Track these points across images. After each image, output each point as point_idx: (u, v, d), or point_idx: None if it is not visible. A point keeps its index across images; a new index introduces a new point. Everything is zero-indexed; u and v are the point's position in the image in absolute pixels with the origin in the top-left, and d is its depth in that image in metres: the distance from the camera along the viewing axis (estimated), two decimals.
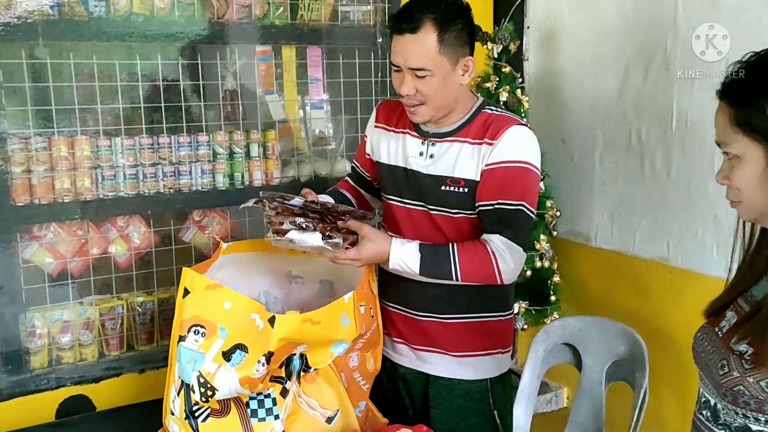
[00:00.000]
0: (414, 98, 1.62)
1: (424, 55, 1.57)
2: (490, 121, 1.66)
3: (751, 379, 1.04)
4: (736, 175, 1.07)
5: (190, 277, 1.54)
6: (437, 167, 1.69)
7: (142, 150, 2.08)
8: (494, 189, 1.63)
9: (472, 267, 1.61)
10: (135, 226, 2.15)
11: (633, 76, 2.24)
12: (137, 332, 2.15)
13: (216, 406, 1.49)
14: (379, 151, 1.83)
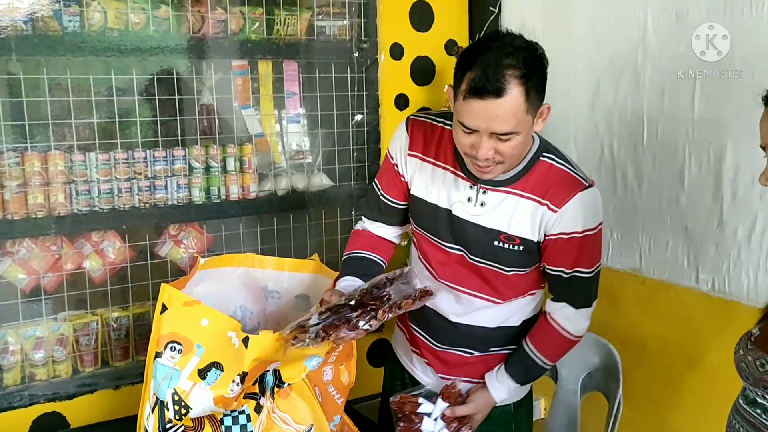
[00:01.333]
0: (492, 160, 1.42)
1: (512, 118, 1.36)
2: (551, 178, 1.51)
3: (750, 357, 1.14)
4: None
5: (168, 293, 1.53)
6: (489, 219, 1.54)
7: (117, 164, 2.07)
8: (559, 259, 1.56)
9: (555, 352, 1.69)
10: (110, 241, 2.13)
11: (604, 90, 2.28)
12: (112, 348, 2.14)
13: (190, 424, 1.48)
14: (413, 183, 1.64)
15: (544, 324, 1.67)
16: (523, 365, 1.67)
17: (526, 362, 1.67)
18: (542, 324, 1.68)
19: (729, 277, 1.94)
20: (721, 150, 1.93)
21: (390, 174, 1.70)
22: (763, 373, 1.13)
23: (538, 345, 1.67)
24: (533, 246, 1.56)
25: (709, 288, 2.00)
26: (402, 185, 1.69)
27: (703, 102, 1.96)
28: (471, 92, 1.36)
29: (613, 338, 2.02)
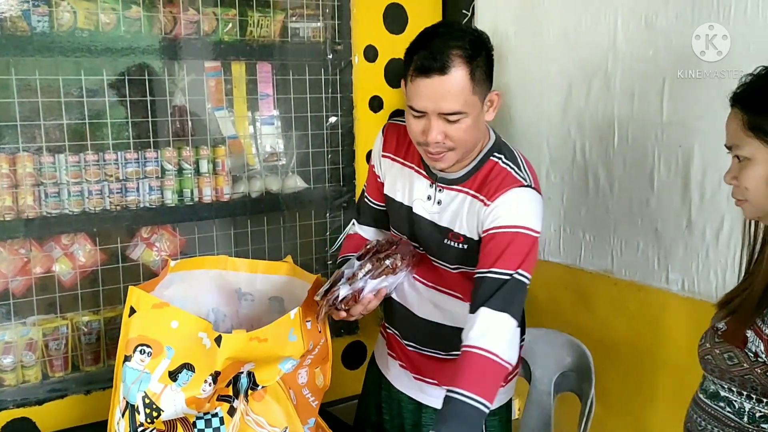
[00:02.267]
0: (442, 145, 1.44)
1: (458, 96, 1.39)
2: (491, 176, 1.52)
3: (717, 350, 1.17)
4: (745, 175, 1.16)
5: (136, 296, 1.52)
6: (443, 217, 1.57)
7: (87, 166, 2.05)
8: (491, 256, 1.47)
9: (489, 386, 1.41)
10: (80, 244, 2.10)
11: (576, 94, 2.30)
12: (83, 352, 2.10)
13: (162, 427, 1.47)
14: (386, 183, 1.70)
15: (463, 358, 1.43)
16: (455, 417, 1.37)
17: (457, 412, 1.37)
18: (460, 360, 1.43)
19: (698, 277, 1.97)
20: (689, 153, 1.96)
21: (371, 177, 1.77)
22: (732, 365, 1.15)
23: (461, 383, 1.39)
24: (475, 245, 1.54)
25: (679, 288, 2.03)
26: (381, 187, 1.73)
27: (671, 106, 1.99)
28: (417, 71, 1.40)
29: (586, 339, 2.05)
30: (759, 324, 1.11)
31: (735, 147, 1.17)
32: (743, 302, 1.17)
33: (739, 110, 1.16)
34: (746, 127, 1.14)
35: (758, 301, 1.12)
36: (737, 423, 1.16)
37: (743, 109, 1.16)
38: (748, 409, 1.14)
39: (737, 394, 1.15)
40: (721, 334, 1.19)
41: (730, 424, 1.17)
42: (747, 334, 1.13)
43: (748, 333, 1.13)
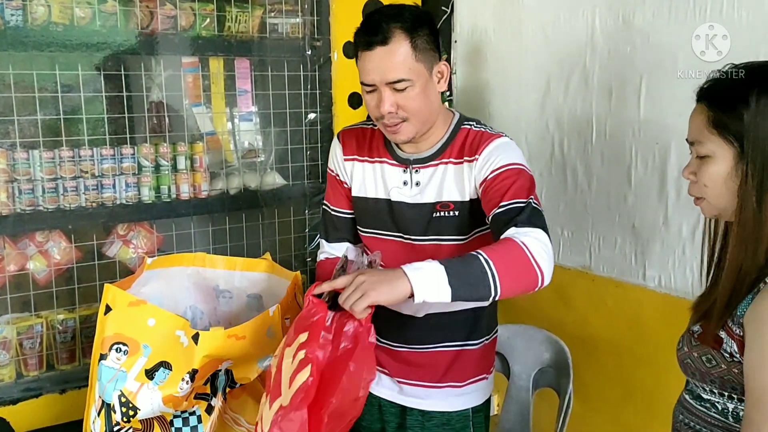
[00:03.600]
0: (396, 116, 1.50)
1: (402, 64, 1.46)
2: (471, 138, 1.58)
3: (695, 353, 1.16)
4: (704, 172, 1.15)
5: (112, 294, 1.50)
6: (425, 195, 1.60)
7: (62, 163, 2.02)
8: (499, 194, 1.47)
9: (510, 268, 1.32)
10: (55, 241, 2.07)
11: (554, 90, 2.31)
12: (58, 351, 2.08)
13: (138, 426, 1.45)
14: (356, 185, 1.70)
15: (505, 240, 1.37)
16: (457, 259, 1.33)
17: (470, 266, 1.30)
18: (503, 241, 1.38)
19: (674, 274, 1.99)
20: (666, 150, 1.97)
21: (334, 187, 1.75)
22: (711, 367, 1.15)
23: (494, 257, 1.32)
24: (468, 207, 1.57)
25: (656, 284, 2.04)
26: (348, 193, 1.73)
27: (649, 103, 2.01)
28: (362, 47, 1.48)
29: (564, 335, 2.06)
30: (729, 324, 1.12)
31: (697, 143, 1.16)
32: (713, 303, 1.17)
33: (705, 106, 1.16)
34: (710, 124, 1.14)
35: (726, 301, 1.12)
36: (724, 423, 1.17)
37: (709, 106, 1.15)
38: (731, 409, 1.15)
39: (719, 395, 1.16)
40: (696, 336, 1.20)
41: (718, 425, 1.17)
42: (721, 335, 1.13)
43: (722, 334, 1.13)
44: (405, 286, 1.28)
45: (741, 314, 1.10)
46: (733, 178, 1.13)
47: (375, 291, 1.28)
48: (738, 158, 1.12)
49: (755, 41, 1.70)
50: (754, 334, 1.07)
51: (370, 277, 1.30)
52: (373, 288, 1.28)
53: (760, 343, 1.05)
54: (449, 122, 1.62)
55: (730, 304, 1.12)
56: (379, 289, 1.28)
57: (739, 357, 1.11)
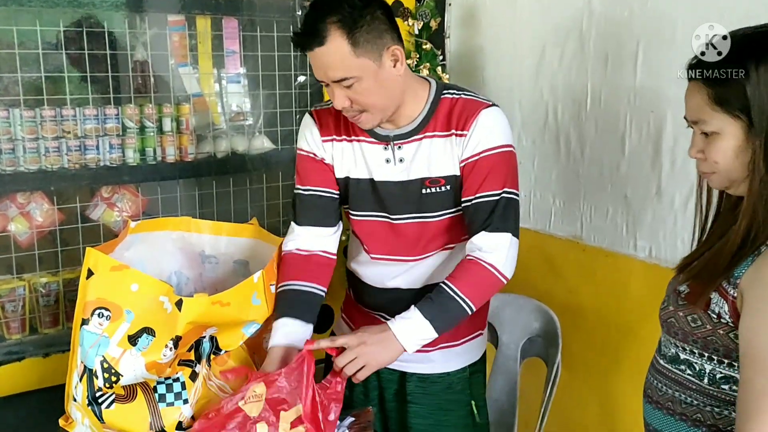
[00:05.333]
0: (351, 109, 1.48)
1: (340, 64, 1.42)
2: (455, 108, 1.54)
3: (681, 313, 1.17)
4: (714, 150, 1.14)
5: (94, 258, 1.47)
6: (411, 171, 1.56)
7: (43, 122, 1.97)
8: (475, 182, 1.52)
9: (479, 291, 1.50)
10: (37, 203, 2.03)
11: (549, 56, 2.27)
12: (41, 314, 2.05)
13: (121, 392, 1.43)
14: (337, 165, 1.65)
15: (467, 264, 1.52)
16: (435, 300, 1.48)
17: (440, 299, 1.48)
18: (465, 264, 1.52)
19: (665, 245, 1.97)
20: (662, 119, 1.94)
21: (309, 166, 1.66)
22: (695, 327, 1.16)
23: (462, 286, 1.49)
24: (457, 182, 1.56)
25: (646, 255, 2.03)
26: (327, 171, 1.65)
27: (645, 70, 1.97)
28: (301, 48, 1.46)
29: (554, 304, 2.05)
30: (725, 285, 1.12)
31: (701, 122, 1.14)
32: (708, 265, 1.17)
33: (702, 84, 1.13)
34: (713, 101, 1.12)
35: (727, 264, 1.12)
36: (697, 385, 1.17)
37: (706, 83, 1.13)
38: (708, 371, 1.15)
39: (698, 356, 1.16)
40: (684, 296, 1.20)
41: (692, 387, 1.18)
42: (711, 296, 1.13)
43: (713, 295, 1.13)
44: (398, 347, 1.45)
45: (738, 276, 1.10)
46: (745, 150, 1.11)
47: (375, 360, 1.44)
48: (747, 130, 1.10)
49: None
50: (754, 298, 1.06)
51: (369, 347, 1.43)
52: (374, 357, 1.44)
53: (762, 306, 1.05)
54: (427, 93, 1.56)
55: (731, 266, 1.11)
56: (379, 357, 1.44)
57: (728, 319, 1.11)
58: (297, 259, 1.63)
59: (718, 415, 1.15)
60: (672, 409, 1.20)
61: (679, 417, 1.19)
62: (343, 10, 1.40)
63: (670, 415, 1.20)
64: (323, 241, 1.66)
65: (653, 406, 1.24)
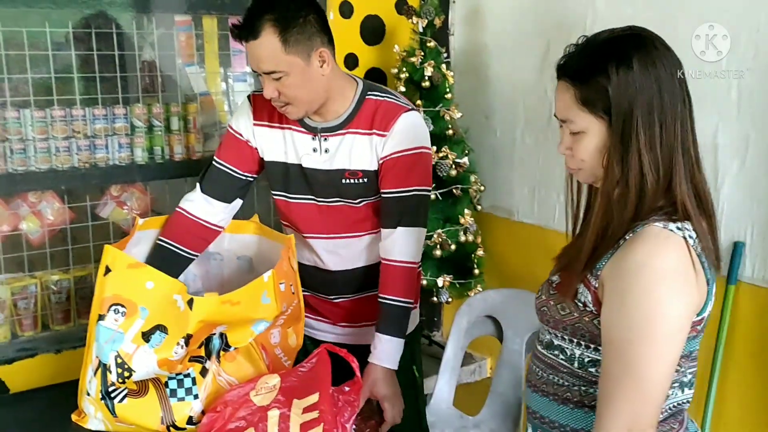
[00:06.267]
0: (279, 100, 1.61)
1: (271, 58, 1.54)
2: (378, 109, 1.66)
3: (552, 302, 1.22)
4: (580, 148, 1.18)
5: (111, 255, 1.50)
6: (334, 162, 1.69)
7: (53, 122, 1.99)
8: (392, 179, 1.67)
9: (411, 289, 1.71)
10: (48, 202, 2.06)
11: (553, 53, 2.28)
12: (52, 311, 2.08)
13: (133, 387, 1.46)
14: (267, 150, 1.75)
15: (384, 270, 1.70)
16: (388, 316, 1.68)
17: (389, 312, 1.68)
18: (383, 272, 1.70)
19: None
20: None
21: (233, 146, 1.76)
22: (564, 315, 1.20)
23: (387, 290, 1.68)
24: (374, 176, 1.69)
25: None
26: (248, 155, 1.75)
27: None
28: (238, 39, 1.57)
29: None
30: (588, 277, 1.16)
31: (569, 122, 1.17)
32: (573, 257, 1.21)
33: (569, 84, 1.16)
34: (578, 101, 1.15)
35: (588, 257, 1.17)
36: (569, 369, 1.21)
37: (573, 83, 1.15)
38: (578, 355, 1.20)
39: (569, 342, 1.21)
40: (555, 286, 1.25)
41: (563, 370, 1.22)
42: (578, 287, 1.18)
43: (579, 285, 1.18)
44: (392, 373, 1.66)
45: (600, 268, 1.14)
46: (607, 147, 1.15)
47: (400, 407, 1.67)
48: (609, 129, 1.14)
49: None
50: (612, 289, 1.11)
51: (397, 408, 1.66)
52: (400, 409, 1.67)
53: (618, 297, 1.10)
54: (353, 92, 1.69)
55: (592, 259, 1.16)
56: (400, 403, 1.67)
57: (592, 308, 1.15)
58: (183, 221, 1.74)
59: (584, 393, 1.20)
60: (545, 390, 1.25)
61: (552, 397, 1.24)
62: (279, 11, 1.53)
63: (544, 396, 1.25)
64: (215, 213, 1.76)
65: (531, 389, 1.29)
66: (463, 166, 2.40)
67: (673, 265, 1.09)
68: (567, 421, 1.22)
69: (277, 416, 1.37)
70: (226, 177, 1.76)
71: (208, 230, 1.76)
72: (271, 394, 1.41)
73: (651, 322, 1.07)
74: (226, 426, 1.39)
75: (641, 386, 1.08)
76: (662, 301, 1.07)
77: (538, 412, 1.27)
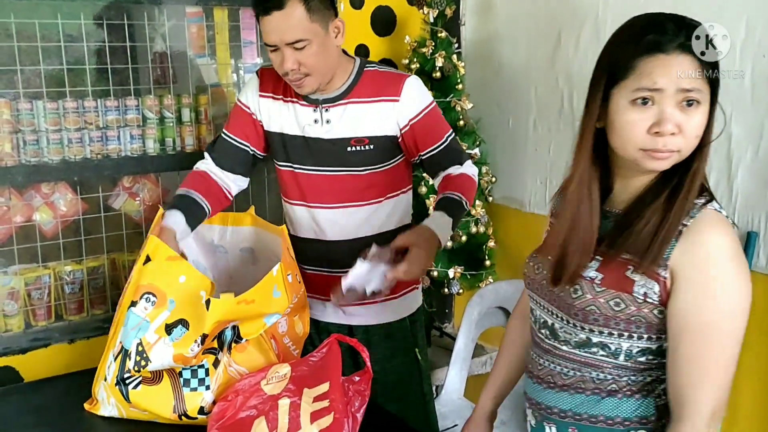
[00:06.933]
0: (298, 72, 1.64)
1: (297, 26, 1.58)
2: (381, 79, 1.75)
3: (602, 299, 1.17)
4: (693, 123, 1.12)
5: (154, 245, 1.52)
6: (337, 131, 1.74)
7: (66, 114, 2.00)
8: (429, 137, 1.77)
9: (472, 194, 1.80)
10: (61, 193, 2.07)
11: (565, 42, 2.27)
12: (66, 302, 2.10)
13: (148, 375, 1.47)
14: (270, 121, 1.82)
15: (449, 179, 1.80)
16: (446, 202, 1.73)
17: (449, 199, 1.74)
18: (447, 180, 1.80)
19: None
20: None
21: (239, 117, 1.84)
22: (618, 311, 1.17)
23: (450, 187, 1.76)
24: (385, 141, 1.76)
25: None
26: (254, 128, 1.83)
27: None
28: (260, 11, 1.60)
29: None
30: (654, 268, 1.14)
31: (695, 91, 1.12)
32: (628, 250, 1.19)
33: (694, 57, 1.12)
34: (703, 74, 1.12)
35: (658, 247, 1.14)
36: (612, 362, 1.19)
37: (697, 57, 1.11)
38: (625, 348, 1.17)
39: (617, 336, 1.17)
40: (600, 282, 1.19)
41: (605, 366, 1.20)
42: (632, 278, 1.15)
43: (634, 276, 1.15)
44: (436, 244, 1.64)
45: (667, 257, 1.12)
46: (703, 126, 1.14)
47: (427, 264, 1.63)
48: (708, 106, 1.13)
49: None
50: (690, 277, 1.10)
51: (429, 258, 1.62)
52: (429, 263, 1.66)
53: (700, 284, 1.10)
54: (352, 66, 1.77)
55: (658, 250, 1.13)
56: (430, 262, 1.65)
57: (656, 298, 1.13)
58: (206, 177, 1.81)
59: (632, 382, 1.19)
60: (581, 387, 1.22)
61: (590, 393, 1.21)
62: None
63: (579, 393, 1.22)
64: (226, 181, 1.83)
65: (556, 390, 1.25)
66: (475, 157, 2.39)
67: (737, 246, 1.12)
68: (615, 412, 1.20)
69: (288, 405, 1.37)
70: (233, 149, 1.83)
71: (223, 194, 1.82)
72: (282, 383, 1.42)
73: (736, 303, 1.10)
74: (237, 414, 1.39)
75: (726, 367, 1.11)
76: (742, 282, 1.10)
77: (571, 410, 1.24)
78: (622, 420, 1.20)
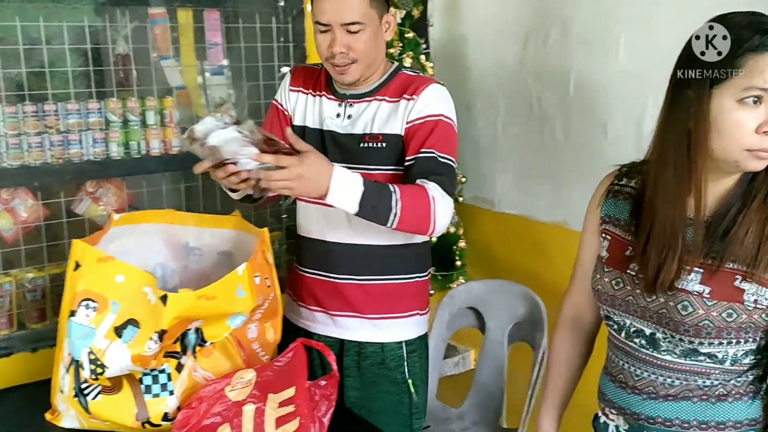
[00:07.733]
0: (346, 56, 1.62)
1: (357, 8, 1.58)
2: (409, 81, 1.71)
3: (714, 313, 1.15)
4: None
5: (81, 250, 1.48)
6: (355, 126, 1.72)
7: (25, 118, 1.96)
8: (424, 140, 1.64)
9: (412, 212, 1.50)
10: (21, 198, 2.02)
11: (533, 43, 2.27)
12: (28, 310, 2.05)
13: (107, 383, 1.44)
14: (296, 115, 1.81)
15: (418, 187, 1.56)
16: (380, 190, 1.49)
17: (383, 190, 1.50)
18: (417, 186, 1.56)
19: None
20: (643, 103, 1.95)
21: (271, 116, 1.85)
22: (731, 321, 1.16)
23: (403, 192, 1.51)
24: (396, 141, 1.68)
25: None
26: (284, 124, 1.81)
27: (628, 55, 1.97)
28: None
29: (540, 290, 2.06)
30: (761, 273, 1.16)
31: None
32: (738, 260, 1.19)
33: None
34: None
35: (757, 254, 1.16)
36: (720, 368, 1.20)
37: None
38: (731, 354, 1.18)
39: (725, 345, 1.18)
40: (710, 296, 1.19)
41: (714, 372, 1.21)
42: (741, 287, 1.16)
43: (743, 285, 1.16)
44: (323, 188, 1.44)
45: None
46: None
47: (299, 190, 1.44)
48: None
49: None
50: None
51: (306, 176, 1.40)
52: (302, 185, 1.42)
53: None
54: (388, 68, 1.75)
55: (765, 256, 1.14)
56: (303, 187, 1.43)
57: (766, 303, 1.14)
58: None
59: (739, 383, 1.20)
60: (689, 395, 1.21)
61: (698, 399, 1.21)
62: None
63: (686, 401, 1.22)
64: None
65: (660, 400, 1.24)
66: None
67: None
68: (727, 416, 1.21)
69: (253, 411, 1.35)
70: None
71: None
72: (247, 389, 1.39)
73: None
74: (201, 422, 1.36)
75: None
76: None
77: (678, 417, 1.22)
78: (734, 423, 1.21)
